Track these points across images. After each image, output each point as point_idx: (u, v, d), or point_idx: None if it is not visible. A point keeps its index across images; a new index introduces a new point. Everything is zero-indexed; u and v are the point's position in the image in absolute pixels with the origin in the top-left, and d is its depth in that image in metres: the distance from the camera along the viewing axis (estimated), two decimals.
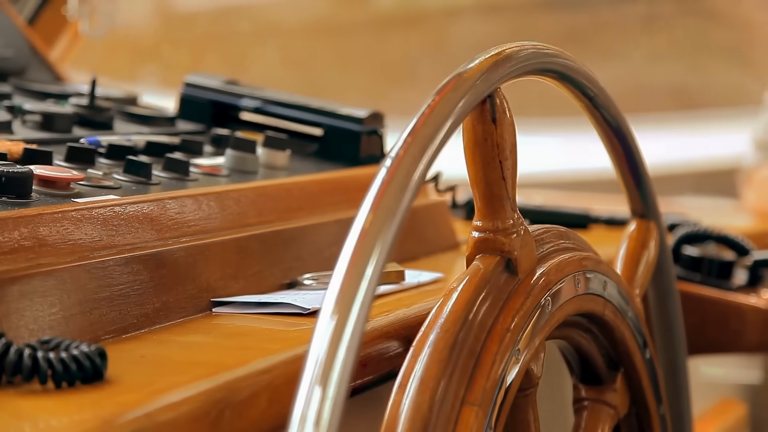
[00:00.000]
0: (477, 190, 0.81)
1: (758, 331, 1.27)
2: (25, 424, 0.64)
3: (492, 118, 0.79)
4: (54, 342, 0.72)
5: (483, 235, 0.81)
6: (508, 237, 0.80)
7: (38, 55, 1.34)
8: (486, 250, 0.81)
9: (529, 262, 0.82)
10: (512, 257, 0.80)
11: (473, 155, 0.80)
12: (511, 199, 0.81)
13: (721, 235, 1.30)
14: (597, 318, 0.89)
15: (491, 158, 0.80)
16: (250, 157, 1.06)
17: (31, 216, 0.79)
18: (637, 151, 0.97)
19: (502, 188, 0.80)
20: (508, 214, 0.81)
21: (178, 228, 0.89)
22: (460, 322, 0.77)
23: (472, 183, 0.81)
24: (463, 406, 0.74)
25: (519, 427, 0.83)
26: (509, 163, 0.80)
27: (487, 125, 0.79)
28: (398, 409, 0.74)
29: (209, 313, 0.88)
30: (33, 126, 1.05)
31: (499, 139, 0.79)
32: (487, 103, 0.79)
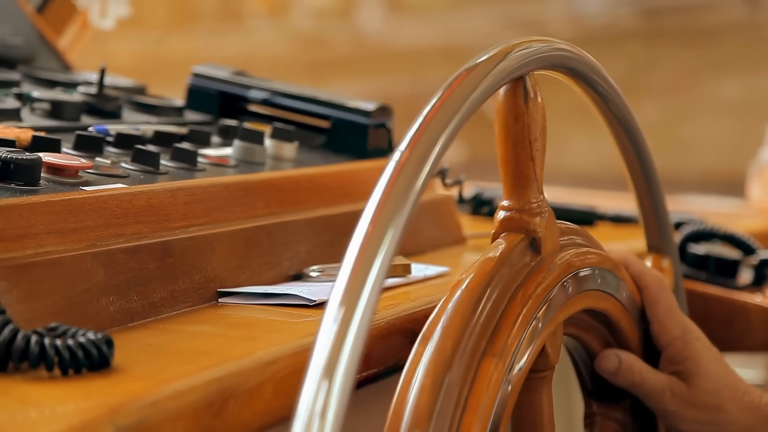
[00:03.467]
0: (505, 169, 0.83)
1: (763, 331, 1.27)
2: (32, 410, 0.64)
3: (524, 100, 0.81)
4: (61, 329, 0.72)
5: (509, 213, 0.83)
6: (533, 216, 0.82)
7: (47, 43, 1.34)
8: (511, 228, 0.83)
9: (553, 244, 0.83)
10: (537, 236, 0.82)
11: (504, 135, 0.82)
12: (539, 180, 0.83)
13: (727, 233, 1.30)
14: (612, 322, 0.89)
15: (521, 138, 0.82)
16: (258, 148, 1.06)
17: (39, 203, 0.79)
18: (652, 169, 0.97)
19: (530, 168, 0.83)
20: (535, 194, 0.83)
21: (186, 218, 0.89)
22: (484, 284, 0.78)
23: (501, 162, 0.83)
24: (484, 357, 0.76)
25: (533, 408, 0.84)
26: (539, 144, 0.83)
27: (519, 106, 0.82)
28: (419, 358, 0.75)
29: (215, 303, 0.88)
30: (41, 114, 1.05)
31: (530, 119, 0.82)
32: (520, 85, 0.81)
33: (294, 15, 4.28)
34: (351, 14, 4.29)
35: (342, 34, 4.23)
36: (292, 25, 4.24)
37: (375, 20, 4.25)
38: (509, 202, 0.83)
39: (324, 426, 0.60)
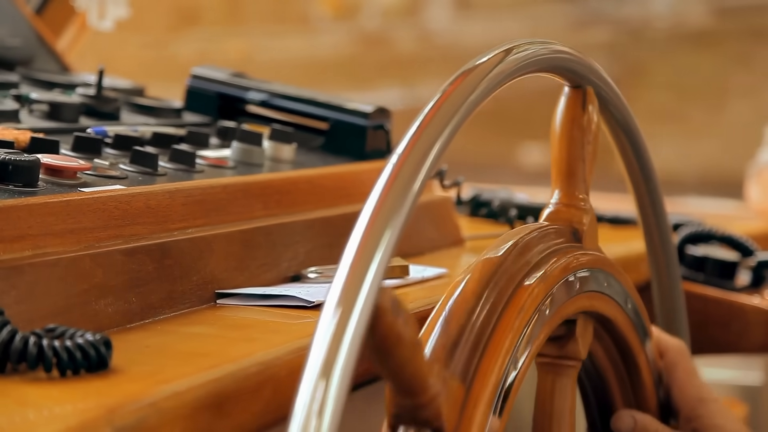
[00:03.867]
0: (557, 167, 0.88)
1: (761, 332, 1.27)
2: (30, 411, 0.64)
3: (582, 107, 0.88)
4: (59, 330, 0.72)
5: (556, 207, 0.87)
6: (578, 210, 0.87)
7: (45, 44, 1.34)
8: (558, 220, 0.86)
9: (593, 241, 0.87)
10: (580, 228, 0.86)
11: (560, 135, 0.88)
12: (586, 182, 0.88)
13: (725, 235, 1.30)
14: (612, 326, 0.90)
15: (576, 140, 0.87)
16: (257, 149, 1.06)
17: (37, 204, 0.79)
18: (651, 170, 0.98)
19: (579, 168, 0.87)
20: (582, 192, 0.88)
21: (184, 219, 0.89)
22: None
23: (553, 161, 0.88)
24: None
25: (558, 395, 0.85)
26: (590, 148, 0.88)
27: (578, 111, 0.88)
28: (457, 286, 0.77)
29: (214, 304, 0.88)
30: (40, 115, 1.05)
31: (585, 124, 0.87)
32: (580, 93, 0.88)
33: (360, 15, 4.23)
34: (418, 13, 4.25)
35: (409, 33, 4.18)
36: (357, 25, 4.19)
37: (442, 20, 4.20)
38: (557, 197, 0.88)
39: (321, 425, 0.60)
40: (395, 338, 0.68)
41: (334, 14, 4.19)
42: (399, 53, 4.13)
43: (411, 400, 0.72)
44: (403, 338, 0.69)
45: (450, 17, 4.20)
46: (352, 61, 4.02)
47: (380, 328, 0.67)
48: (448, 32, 4.12)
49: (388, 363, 0.70)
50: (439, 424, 0.73)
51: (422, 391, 0.72)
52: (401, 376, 0.71)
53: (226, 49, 3.98)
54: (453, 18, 4.20)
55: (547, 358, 0.88)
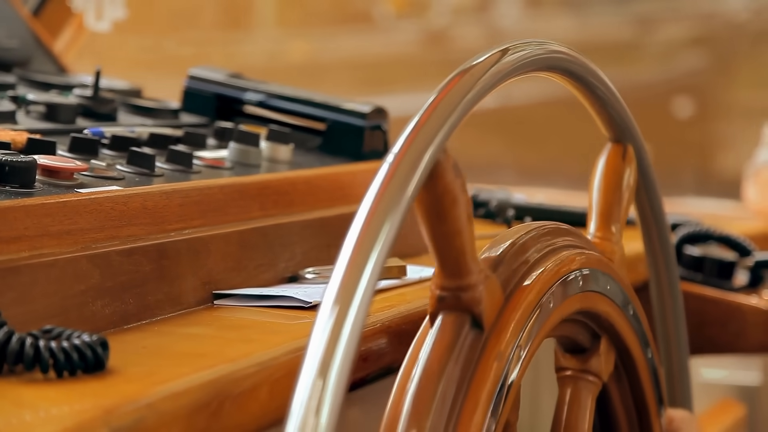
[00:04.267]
0: (596, 207, 0.93)
1: (758, 332, 1.27)
2: (26, 413, 0.64)
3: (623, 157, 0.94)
4: (56, 331, 0.72)
5: (596, 239, 0.91)
6: (611, 244, 0.92)
7: (42, 46, 1.34)
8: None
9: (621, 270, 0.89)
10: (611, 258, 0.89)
11: (602, 180, 0.93)
12: (620, 222, 0.92)
13: (722, 235, 1.30)
14: (602, 319, 0.89)
15: (616, 186, 0.94)
16: (254, 150, 1.06)
17: (34, 205, 0.79)
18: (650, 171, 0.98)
19: (615, 210, 0.93)
20: (615, 230, 0.92)
21: (181, 220, 0.89)
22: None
23: (591, 203, 0.94)
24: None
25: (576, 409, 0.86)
26: (627, 195, 0.94)
27: (619, 161, 0.94)
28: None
29: (211, 305, 0.88)
30: (37, 116, 1.05)
31: (626, 175, 0.94)
32: (621, 147, 0.94)
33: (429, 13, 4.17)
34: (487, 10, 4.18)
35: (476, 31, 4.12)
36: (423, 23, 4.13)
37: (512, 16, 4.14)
38: (593, 231, 0.93)
39: (318, 424, 0.60)
40: (452, 199, 0.69)
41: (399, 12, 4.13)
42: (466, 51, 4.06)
43: (455, 281, 0.75)
44: (459, 202, 0.70)
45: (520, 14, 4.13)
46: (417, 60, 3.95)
47: (440, 185, 0.69)
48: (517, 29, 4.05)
49: (441, 227, 0.71)
50: (480, 311, 0.75)
51: (467, 272, 0.75)
52: (450, 246, 0.73)
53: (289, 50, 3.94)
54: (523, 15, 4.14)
55: (569, 371, 0.89)
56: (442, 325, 0.76)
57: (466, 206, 0.73)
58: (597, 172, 0.95)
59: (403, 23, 4.10)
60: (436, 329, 0.76)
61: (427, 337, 0.75)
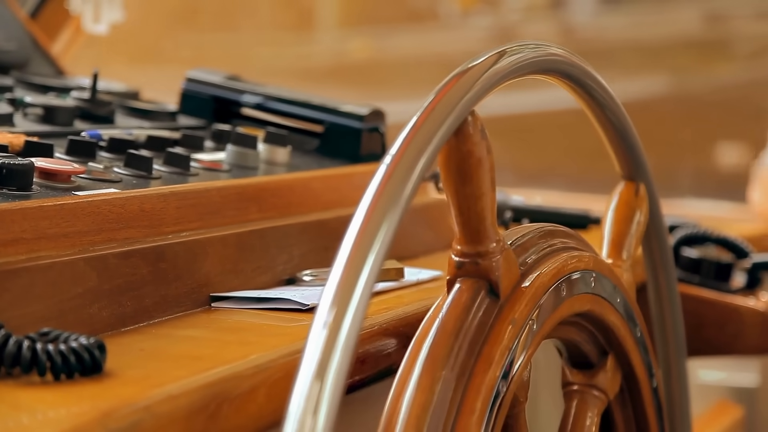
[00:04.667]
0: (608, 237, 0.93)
1: (756, 334, 1.27)
2: (24, 416, 0.64)
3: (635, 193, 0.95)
4: (53, 334, 0.72)
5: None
6: (619, 269, 0.90)
7: (40, 48, 1.34)
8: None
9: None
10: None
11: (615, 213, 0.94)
12: (630, 251, 0.92)
13: (720, 237, 1.31)
14: (589, 315, 0.89)
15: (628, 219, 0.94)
16: (251, 152, 1.06)
17: (31, 208, 0.79)
18: (631, 132, 0.97)
19: (627, 241, 0.93)
20: (626, 257, 0.92)
21: (178, 222, 0.89)
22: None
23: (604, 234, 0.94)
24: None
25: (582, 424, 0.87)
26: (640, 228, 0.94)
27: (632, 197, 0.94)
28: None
29: (208, 307, 0.88)
30: (34, 119, 1.05)
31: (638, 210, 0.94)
32: (633, 184, 0.95)
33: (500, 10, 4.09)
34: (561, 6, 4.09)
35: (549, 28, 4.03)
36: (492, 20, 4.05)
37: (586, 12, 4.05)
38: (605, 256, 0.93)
39: (315, 426, 0.60)
40: (477, 160, 0.69)
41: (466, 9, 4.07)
42: None
43: (474, 247, 0.76)
44: (484, 164, 0.70)
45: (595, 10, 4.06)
46: None
47: (467, 144, 0.69)
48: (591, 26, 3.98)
49: (464, 189, 0.72)
50: (497, 278, 0.76)
51: (486, 239, 0.76)
52: (473, 210, 0.74)
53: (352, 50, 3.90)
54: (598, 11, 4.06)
55: (575, 386, 0.89)
56: (459, 289, 0.77)
57: (490, 170, 0.74)
58: (610, 207, 0.96)
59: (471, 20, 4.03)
60: (454, 293, 0.77)
61: (446, 301, 0.76)
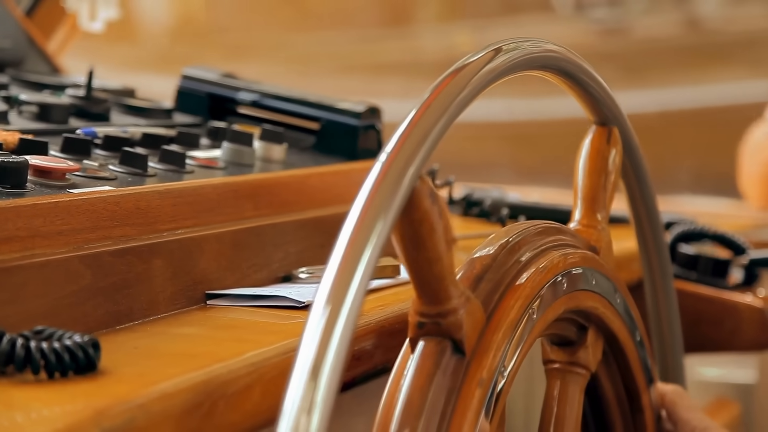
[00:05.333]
0: (581, 192, 0.91)
1: (753, 330, 1.27)
2: (18, 414, 0.64)
3: (607, 141, 0.92)
4: (47, 332, 0.71)
5: (576, 227, 0.90)
6: (597, 231, 0.90)
7: (36, 46, 1.33)
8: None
9: (608, 259, 0.89)
10: (597, 246, 0.88)
11: (586, 165, 0.92)
12: (606, 209, 0.91)
13: (717, 233, 1.30)
14: (602, 323, 0.89)
15: (600, 170, 0.92)
16: (247, 150, 1.06)
17: (26, 206, 0.78)
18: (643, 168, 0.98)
19: (601, 195, 0.91)
20: (601, 216, 0.91)
21: (174, 220, 0.89)
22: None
23: (577, 187, 0.92)
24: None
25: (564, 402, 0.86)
26: (612, 178, 0.92)
27: (602, 144, 0.92)
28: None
29: (203, 305, 0.88)
30: (29, 116, 1.05)
31: (610, 158, 0.92)
32: (606, 130, 0.92)
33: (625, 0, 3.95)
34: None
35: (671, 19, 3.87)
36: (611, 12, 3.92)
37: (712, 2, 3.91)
38: (578, 218, 0.92)
39: (310, 423, 0.60)
40: (429, 227, 0.69)
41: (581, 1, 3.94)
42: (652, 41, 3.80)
43: (435, 307, 0.73)
44: (437, 230, 0.69)
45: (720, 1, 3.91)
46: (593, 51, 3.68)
47: (417, 212, 0.68)
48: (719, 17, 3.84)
49: (419, 255, 0.70)
50: (461, 336, 0.73)
51: (447, 298, 0.74)
52: (429, 274, 0.72)
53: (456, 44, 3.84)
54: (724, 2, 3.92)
55: (557, 364, 0.88)
56: (422, 352, 0.74)
57: (444, 232, 0.72)
58: (581, 156, 0.94)
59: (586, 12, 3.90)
60: (417, 357, 0.74)
61: (408, 365, 0.74)
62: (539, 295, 0.80)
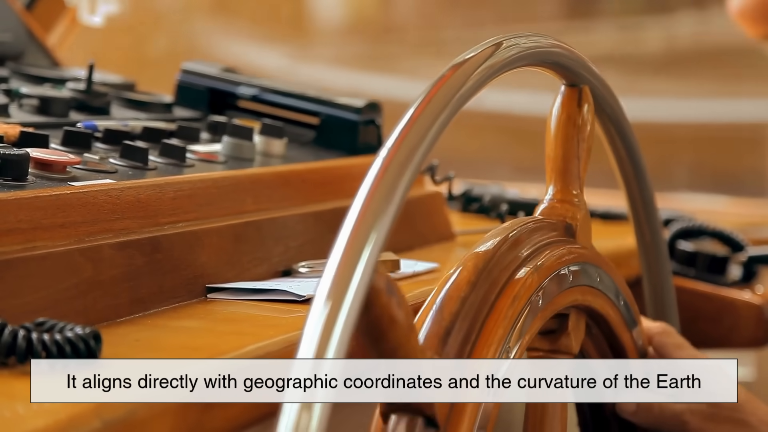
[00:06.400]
0: (552, 164, 0.89)
1: (751, 327, 1.27)
2: (19, 405, 0.64)
3: (578, 104, 0.89)
4: (48, 324, 0.72)
5: (550, 203, 0.88)
6: (572, 206, 0.87)
7: (36, 40, 1.33)
8: (551, 216, 0.86)
9: (586, 236, 0.88)
10: (573, 224, 0.86)
11: (556, 132, 0.88)
12: (581, 179, 0.88)
13: (716, 230, 1.31)
14: (603, 321, 0.89)
15: (571, 137, 0.88)
16: (247, 144, 1.06)
17: (27, 199, 0.79)
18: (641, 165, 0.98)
19: (575, 165, 0.88)
20: (575, 188, 0.88)
21: (174, 213, 0.89)
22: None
23: (547, 159, 0.89)
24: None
25: None
26: (585, 145, 0.89)
27: (574, 109, 0.89)
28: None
29: (204, 298, 0.88)
30: (30, 110, 1.05)
31: (581, 122, 0.89)
32: (576, 91, 0.89)
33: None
34: None
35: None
36: None
37: None
38: (552, 192, 0.88)
39: (311, 419, 0.60)
40: (389, 320, 0.68)
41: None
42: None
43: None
44: (397, 320, 0.69)
45: None
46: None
47: (374, 309, 0.67)
48: None
49: (381, 346, 0.69)
50: (432, 412, 0.73)
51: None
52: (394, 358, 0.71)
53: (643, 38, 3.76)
54: None
55: (540, 352, 0.88)
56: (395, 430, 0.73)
57: (405, 319, 0.70)
58: (551, 123, 0.89)
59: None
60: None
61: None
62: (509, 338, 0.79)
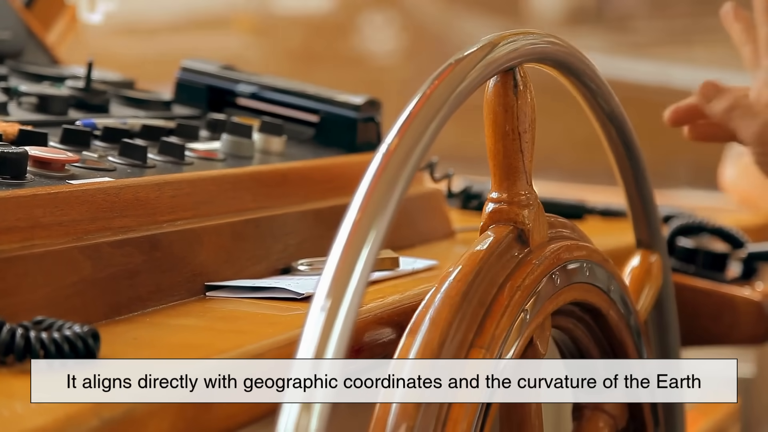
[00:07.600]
0: (494, 161, 0.83)
1: (751, 324, 1.27)
2: (17, 404, 0.64)
3: (514, 92, 0.82)
4: (47, 322, 0.71)
5: (498, 206, 0.83)
6: (522, 208, 0.82)
7: (35, 38, 1.33)
8: (500, 220, 0.83)
9: (541, 236, 0.84)
10: (525, 228, 0.82)
11: (493, 126, 0.83)
12: (528, 173, 0.83)
13: (715, 227, 1.31)
14: (600, 316, 0.89)
15: (510, 130, 0.82)
16: (246, 142, 1.06)
17: (25, 197, 0.79)
18: (640, 162, 0.97)
19: (518, 160, 0.83)
20: (523, 186, 0.83)
21: (173, 211, 0.89)
22: (473, 275, 0.78)
23: (489, 154, 0.83)
24: (472, 349, 0.76)
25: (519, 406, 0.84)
26: (528, 136, 0.83)
27: (509, 98, 0.82)
28: (407, 350, 0.75)
29: (203, 296, 0.88)
30: (29, 108, 1.05)
31: (519, 111, 0.82)
32: (510, 77, 0.82)
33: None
34: None
35: None
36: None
37: None
38: (498, 194, 0.83)
39: (311, 418, 0.60)
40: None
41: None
42: None
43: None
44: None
45: None
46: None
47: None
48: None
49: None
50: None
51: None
52: None
53: None
54: None
55: None
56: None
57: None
58: (485, 117, 0.83)
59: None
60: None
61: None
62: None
